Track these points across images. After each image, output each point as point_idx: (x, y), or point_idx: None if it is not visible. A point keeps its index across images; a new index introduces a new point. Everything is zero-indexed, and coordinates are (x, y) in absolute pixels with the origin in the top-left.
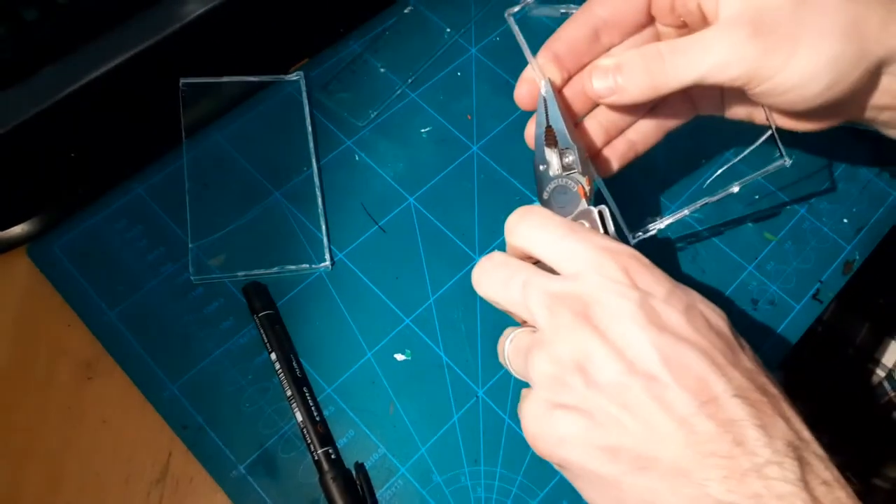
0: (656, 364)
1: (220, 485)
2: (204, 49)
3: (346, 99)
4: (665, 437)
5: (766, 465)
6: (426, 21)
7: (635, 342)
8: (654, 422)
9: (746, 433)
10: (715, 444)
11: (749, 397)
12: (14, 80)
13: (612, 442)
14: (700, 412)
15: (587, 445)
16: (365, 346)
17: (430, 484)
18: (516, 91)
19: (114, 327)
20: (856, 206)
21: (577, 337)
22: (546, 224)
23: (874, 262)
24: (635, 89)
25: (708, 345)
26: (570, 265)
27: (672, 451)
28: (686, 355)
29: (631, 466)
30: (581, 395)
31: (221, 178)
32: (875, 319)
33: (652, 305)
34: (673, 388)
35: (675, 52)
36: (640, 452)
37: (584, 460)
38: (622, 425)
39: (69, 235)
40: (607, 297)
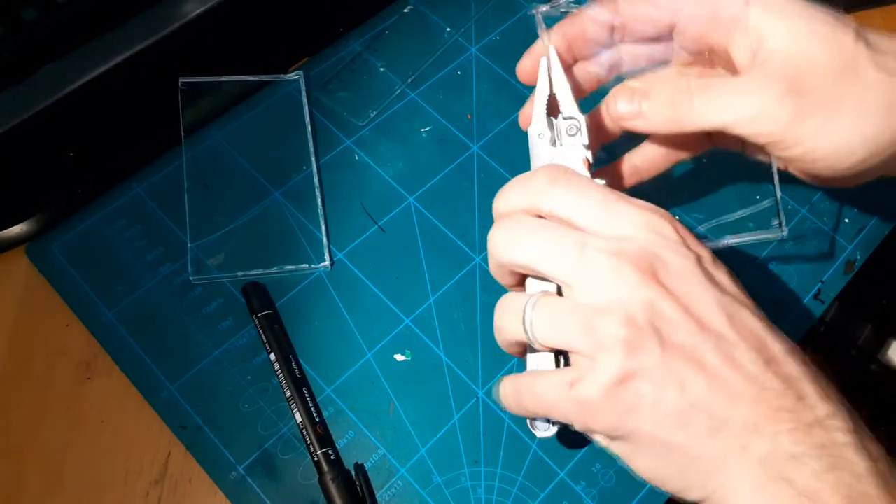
0: (723, 323)
1: (218, 486)
2: (203, 48)
3: (345, 98)
4: (736, 395)
5: (826, 417)
6: (426, 20)
7: (702, 301)
8: (725, 380)
9: (806, 389)
10: (782, 400)
11: (799, 357)
12: (13, 79)
13: (687, 404)
14: (767, 370)
15: (661, 411)
16: (364, 346)
17: (430, 485)
18: (520, 64)
19: (112, 327)
20: (857, 205)
21: (649, 296)
22: (585, 186)
23: (876, 263)
24: (657, 119)
25: (755, 307)
26: (619, 228)
27: (743, 408)
28: (745, 315)
29: (704, 428)
30: (658, 358)
31: (221, 177)
32: (877, 320)
33: (706, 266)
34: (741, 347)
35: (705, 93)
36: (714, 412)
37: (656, 427)
38: (696, 385)
39: (68, 235)
40: (669, 255)
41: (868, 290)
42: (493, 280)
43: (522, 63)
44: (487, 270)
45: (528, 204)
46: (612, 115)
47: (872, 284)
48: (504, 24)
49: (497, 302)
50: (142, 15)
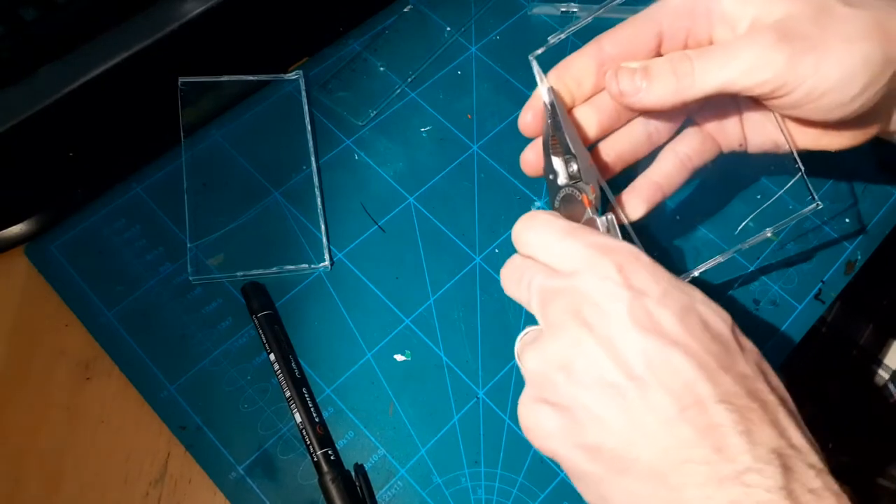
0: (640, 365)
1: (218, 486)
2: (203, 48)
3: (345, 98)
4: (645, 438)
5: (746, 472)
6: (426, 20)
7: (621, 343)
8: (635, 423)
9: (728, 439)
10: (693, 450)
11: (735, 403)
12: (13, 79)
13: (593, 440)
14: (681, 416)
15: (570, 443)
16: (364, 346)
17: (430, 485)
18: (521, 117)
19: (112, 327)
20: (858, 205)
21: (565, 335)
22: (546, 227)
23: (877, 263)
24: (660, 92)
25: (699, 348)
26: (566, 264)
27: (651, 453)
28: (673, 358)
29: (611, 466)
30: (564, 393)
31: (220, 177)
32: (879, 320)
33: (644, 305)
34: (655, 391)
35: (702, 58)
36: (620, 453)
37: (567, 456)
38: (604, 425)
39: (67, 235)
40: (598, 295)
41: (869, 291)
42: (493, 280)
43: (523, 117)
44: (487, 270)
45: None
46: (614, 94)
47: (873, 285)
48: (504, 23)
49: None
50: (142, 15)
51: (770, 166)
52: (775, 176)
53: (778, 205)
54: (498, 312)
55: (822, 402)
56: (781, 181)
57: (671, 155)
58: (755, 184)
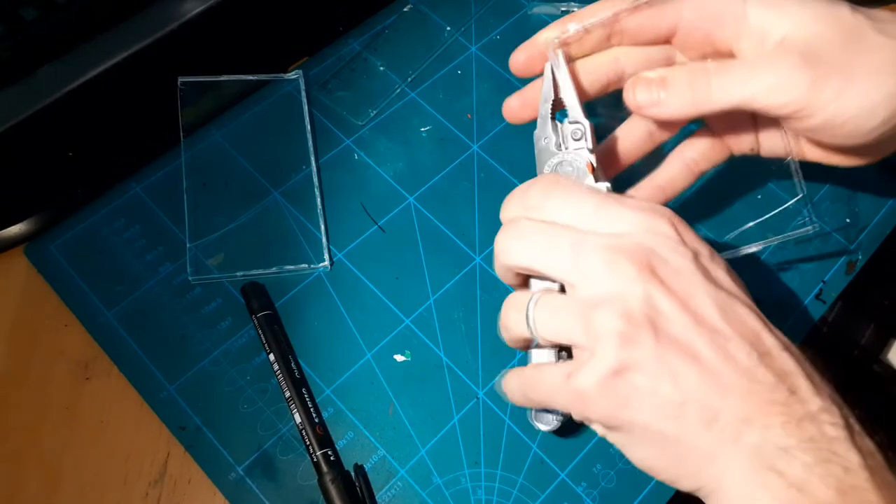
0: (718, 318)
1: (217, 486)
2: (202, 47)
3: (345, 97)
4: (729, 387)
5: (818, 412)
6: (426, 19)
7: (698, 296)
8: (719, 373)
9: (799, 383)
10: (774, 393)
11: (793, 352)
12: (12, 78)
13: (680, 396)
14: (760, 363)
15: (655, 402)
16: (364, 346)
17: (430, 486)
18: (513, 57)
19: (111, 327)
20: (858, 205)
21: (643, 290)
22: (581, 191)
23: (877, 263)
24: (677, 104)
25: (751, 303)
26: (615, 227)
27: (735, 401)
28: (740, 310)
29: (697, 419)
30: (652, 350)
31: (220, 177)
32: (880, 320)
33: (703, 262)
34: (735, 341)
35: (723, 72)
36: (707, 404)
37: (649, 418)
38: (690, 378)
39: (67, 235)
40: (665, 251)
41: (870, 291)
42: (493, 280)
43: (516, 56)
44: (487, 270)
45: (527, 216)
46: (631, 105)
47: (874, 284)
48: (504, 23)
49: (501, 301)
50: (141, 14)
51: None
52: (781, 181)
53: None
54: (498, 312)
55: None
56: (785, 186)
57: (677, 160)
58: (755, 184)
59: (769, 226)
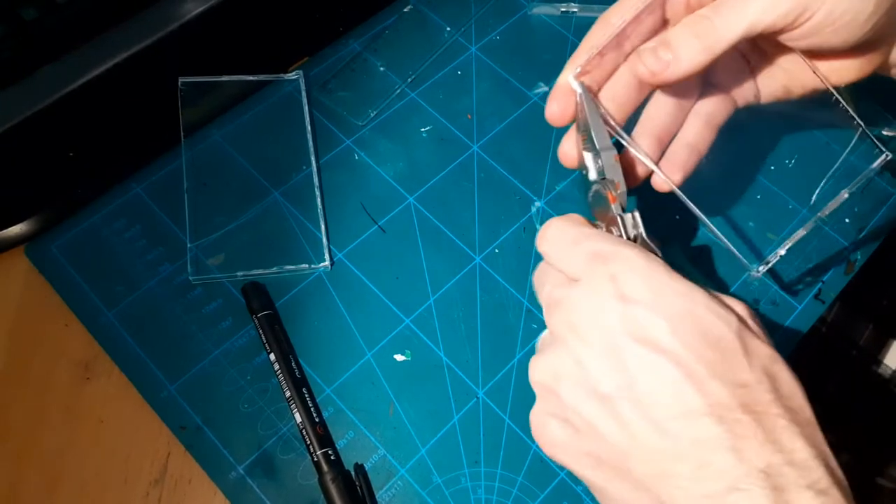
0: (630, 375)
1: (218, 486)
2: (203, 48)
3: (345, 98)
4: (636, 449)
5: (731, 490)
6: (426, 20)
7: (612, 353)
8: (628, 434)
9: (713, 455)
10: (679, 464)
11: (725, 416)
12: (13, 79)
13: (594, 450)
14: (669, 428)
15: (575, 451)
16: (364, 346)
17: (430, 485)
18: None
19: (112, 327)
20: (857, 205)
21: (562, 346)
22: (558, 235)
23: (876, 263)
24: (689, 57)
25: (690, 358)
26: (574, 274)
27: (642, 464)
28: (661, 368)
29: (612, 474)
30: (564, 404)
31: (220, 177)
32: (878, 320)
33: (634, 315)
34: (644, 401)
35: (719, 9)
36: (617, 463)
37: (574, 465)
38: (601, 435)
39: (67, 235)
40: (590, 307)
41: (869, 290)
42: (492, 280)
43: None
44: (487, 270)
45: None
46: (644, 76)
47: (873, 284)
48: (504, 23)
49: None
50: (142, 15)
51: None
52: (781, 180)
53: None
54: (498, 312)
55: (822, 402)
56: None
57: (695, 118)
58: (755, 184)
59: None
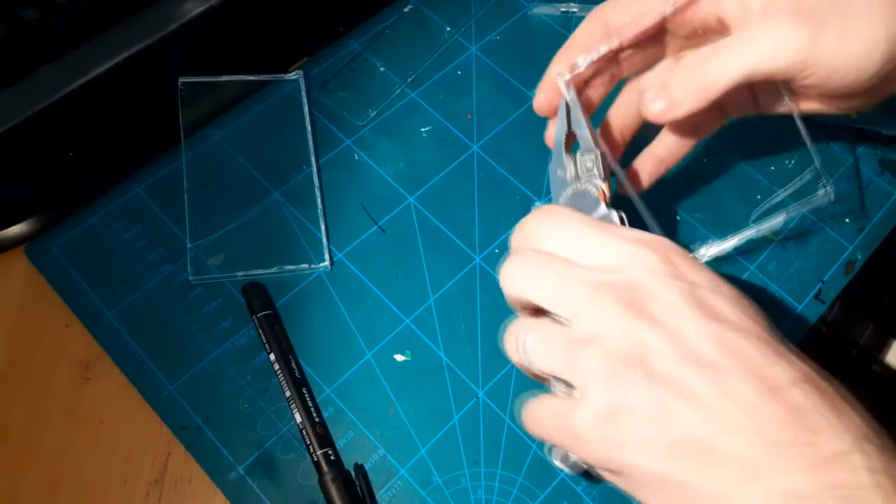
0: (714, 352)
1: (218, 486)
2: (203, 48)
3: (345, 98)
4: (733, 427)
5: (846, 453)
6: (426, 20)
7: (691, 331)
8: (720, 412)
9: (817, 421)
10: (787, 433)
11: (815, 385)
12: (13, 79)
13: (678, 437)
14: (765, 400)
15: (652, 445)
16: (364, 346)
17: (430, 485)
18: (536, 99)
19: (112, 327)
20: (858, 205)
21: (630, 328)
22: (574, 222)
23: (876, 262)
24: (689, 99)
25: (762, 332)
26: (605, 259)
27: (742, 442)
28: (743, 343)
29: (699, 462)
30: (642, 391)
31: (220, 177)
32: (878, 320)
33: (701, 295)
34: (736, 377)
35: (720, 52)
36: (709, 446)
37: (647, 462)
38: (687, 418)
39: (67, 235)
40: (655, 286)
41: (869, 290)
42: (492, 280)
43: (537, 98)
44: (487, 270)
45: (525, 245)
46: (651, 118)
47: (873, 284)
48: (504, 23)
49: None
50: (142, 15)
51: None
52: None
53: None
54: (498, 312)
55: None
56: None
57: (675, 128)
58: (755, 184)
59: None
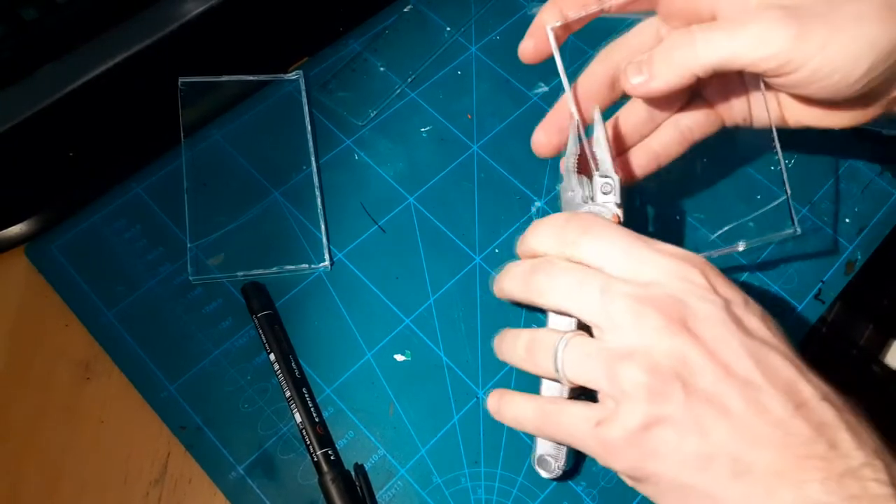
0: (749, 368)
1: (218, 486)
2: (203, 48)
3: (345, 98)
4: (761, 440)
5: (861, 467)
6: (426, 20)
7: (728, 346)
8: (750, 426)
9: (839, 436)
10: (811, 447)
11: (834, 402)
12: (12, 78)
13: (709, 449)
14: (795, 415)
15: (683, 455)
16: (364, 346)
17: (430, 485)
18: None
19: (112, 327)
20: (857, 205)
21: (672, 342)
22: (614, 235)
23: (876, 263)
24: (666, 72)
25: (788, 350)
26: (647, 274)
27: (769, 454)
28: (774, 359)
29: (727, 472)
30: (681, 405)
31: (220, 177)
32: (878, 320)
33: (735, 311)
34: (767, 392)
35: (706, 31)
36: (737, 457)
37: (677, 471)
38: (719, 431)
39: (67, 235)
40: (695, 301)
41: (869, 290)
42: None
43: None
44: (488, 270)
45: (560, 251)
46: (629, 90)
47: (873, 284)
48: (504, 23)
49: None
50: (142, 15)
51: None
52: (757, 184)
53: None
54: (498, 312)
55: None
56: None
57: (672, 127)
58: (755, 184)
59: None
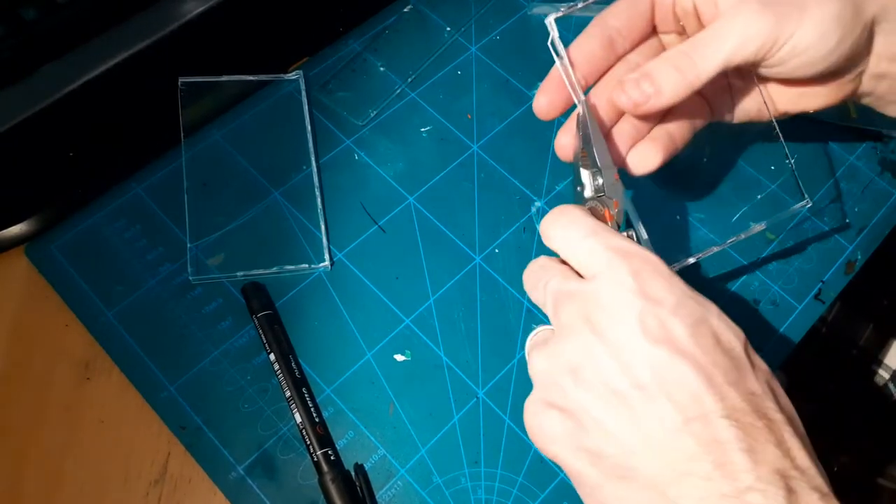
0: (647, 374)
1: (218, 486)
2: (203, 48)
3: (345, 98)
4: (647, 448)
5: (748, 490)
6: (426, 20)
7: (629, 351)
8: (638, 432)
9: (730, 456)
10: (695, 463)
11: (740, 419)
12: (12, 78)
13: (596, 446)
14: (685, 428)
15: (573, 446)
16: (364, 346)
17: (430, 485)
18: (536, 101)
19: (112, 327)
20: (858, 205)
21: (575, 339)
22: (573, 223)
23: (877, 263)
24: (670, 89)
25: (708, 361)
26: (589, 266)
27: (652, 463)
28: (680, 369)
29: (612, 472)
30: (570, 397)
31: (220, 177)
32: (878, 320)
33: (657, 314)
34: (660, 401)
35: (697, 45)
36: (621, 461)
37: (569, 460)
38: (607, 431)
39: (67, 235)
40: (610, 302)
41: (869, 290)
42: (492, 280)
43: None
44: (487, 270)
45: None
46: (627, 107)
47: (873, 284)
48: (504, 23)
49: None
50: (142, 15)
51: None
52: (756, 183)
53: (773, 202)
54: (498, 312)
55: (822, 402)
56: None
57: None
58: (755, 184)
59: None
